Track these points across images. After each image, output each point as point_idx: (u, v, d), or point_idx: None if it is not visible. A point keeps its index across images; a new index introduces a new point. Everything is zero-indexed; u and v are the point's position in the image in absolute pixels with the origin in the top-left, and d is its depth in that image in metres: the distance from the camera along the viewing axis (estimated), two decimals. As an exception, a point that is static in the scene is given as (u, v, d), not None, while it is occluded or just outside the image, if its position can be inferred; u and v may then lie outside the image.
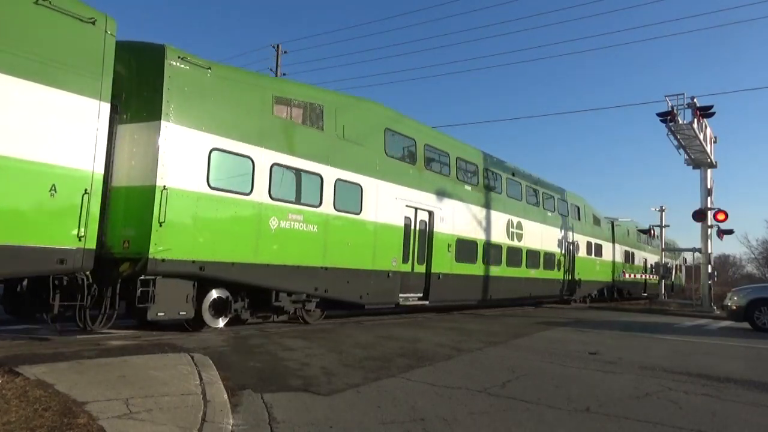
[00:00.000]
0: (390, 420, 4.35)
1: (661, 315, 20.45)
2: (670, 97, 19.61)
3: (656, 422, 4.58)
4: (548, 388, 5.73)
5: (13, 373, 4.79)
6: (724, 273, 58.98)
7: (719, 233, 22.20)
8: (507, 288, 17.25)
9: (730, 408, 5.27)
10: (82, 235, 6.69)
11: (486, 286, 16.05)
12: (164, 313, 7.91)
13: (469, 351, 8.07)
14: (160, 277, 7.71)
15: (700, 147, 21.07)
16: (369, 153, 11.70)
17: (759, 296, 14.05)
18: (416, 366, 6.60)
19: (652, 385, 6.11)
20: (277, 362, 6.41)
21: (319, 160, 10.33)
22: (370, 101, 12.44)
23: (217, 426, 3.90)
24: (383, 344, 8.28)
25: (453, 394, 5.28)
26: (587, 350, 8.71)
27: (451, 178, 14.71)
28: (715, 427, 4.59)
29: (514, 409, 4.85)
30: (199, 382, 4.96)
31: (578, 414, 4.79)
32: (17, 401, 3.95)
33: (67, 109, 6.64)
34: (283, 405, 4.59)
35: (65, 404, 3.95)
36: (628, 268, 30.36)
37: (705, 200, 22.06)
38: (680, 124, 19.62)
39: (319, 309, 10.88)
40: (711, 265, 22.55)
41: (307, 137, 10.26)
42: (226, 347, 7.25)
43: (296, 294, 9.92)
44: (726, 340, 11.56)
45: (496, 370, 6.69)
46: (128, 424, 3.72)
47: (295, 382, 5.47)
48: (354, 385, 5.44)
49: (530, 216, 18.96)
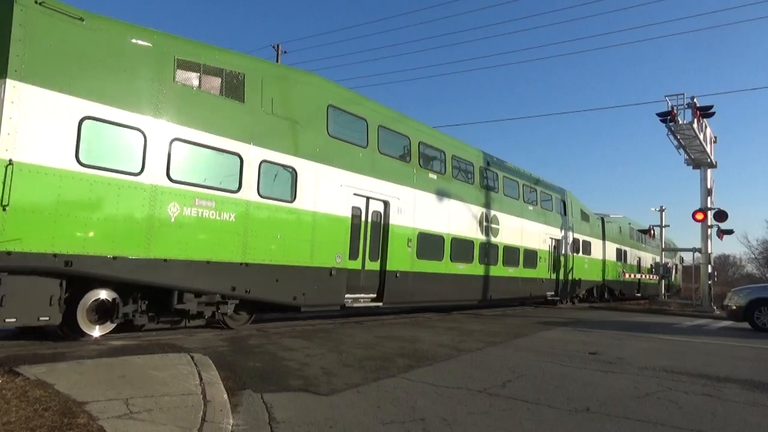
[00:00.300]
0: (390, 420, 4.35)
1: (661, 315, 20.45)
2: (670, 97, 19.64)
3: (656, 422, 4.58)
4: (548, 388, 5.73)
5: (13, 373, 4.79)
6: (724, 273, 59.01)
7: (719, 233, 22.21)
8: (480, 287, 15.69)
9: (730, 408, 5.27)
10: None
11: (455, 285, 14.55)
12: (16, 319, 6.45)
13: (469, 351, 8.07)
14: (6, 274, 6.29)
15: (700, 147, 21.08)
16: (307, 132, 10.12)
17: (759, 296, 14.05)
18: (416, 366, 6.60)
19: (652, 385, 6.11)
20: (277, 362, 6.41)
21: (237, 137, 8.77)
22: (311, 74, 10.93)
23: (217, 426, 3.90)
24: (383, 344, 8.28)
25: (453, 394, 5.27)
26: (587, 350, 8.71)
27: (412, 165, 13.14)
28: (715, 427, 4.59)
29: (514, 409, 4.85)
30: (199, 382, 4.96)
31: (578, 414, 4.79)
32: (17, 401, 3.94)
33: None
34: (283, 405, 4.59)
35: (65, 404, 3.95)
36: (621, 267, 29.06)
37: (705, 200, 22.07)
38: (680, 124, 19.63)
39: (246, 312, 9.61)
40: (711, 265, 22.55)
41: (222, 110, 8.65)
42: (226, 347, 7.25)
43: (207, 294, 8.44)
44: (726, 341, 11.55)
45: (496, 370, 6.69)
46: (128, 424, 3.72)
47: (295, 382, 5.47)
48: (354, 385, 5.44)
49: (508, 209, 17.41)
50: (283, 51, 27.38)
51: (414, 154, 13.27)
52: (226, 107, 8.74)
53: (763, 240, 51.89)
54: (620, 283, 28.85)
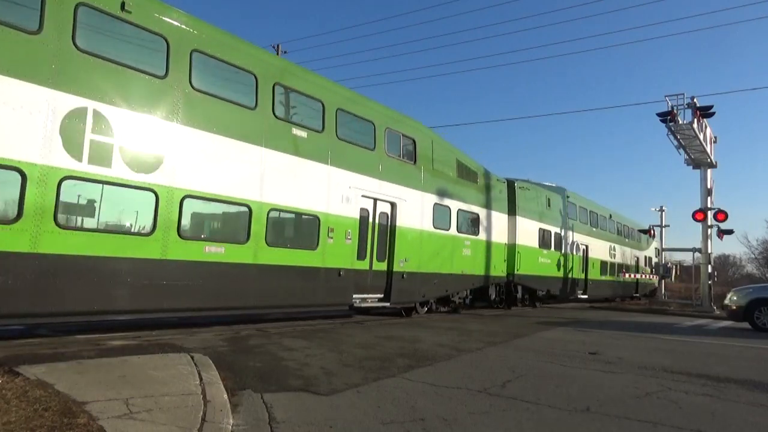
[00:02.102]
0: (390, 420, 4.34)
1: (661, 315, 20.47)
2: (670, 97, 19.70)
3: (656, 422, 4.58)
4: (548, 388, 5.73)
5: (13, 373, 4.78)
6: (724, 273, 58.98)
7: (719, 233, 22.23)
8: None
9: (730, 408, 5.27)
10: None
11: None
12: None
13: (469, 351, 8.07)
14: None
15: (700, 147, 21.11)
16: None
17: (759, 296, 14.07)
18: (416, 366, 6.61)
19: (652, 385, 6.11)
20: (277, 362, 6.41)
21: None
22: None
23: (217, 426, 3.89)
24: (383, 344, 8.29)
25: (453, 394, 5.28)
26: (587, 350, 8.71)
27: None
28: (715, 427, 4.59)
29: (514, 409, 4.84)
30: (199, 382, 4.96)
31: (578, 414, 4.79)
32: (17, 401, 3.94)
33: None
34: (283, 405, 4.59)
35: (65, 404, 3.95)
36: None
37: (705, 200, 22.10)
38: (680, 124, 19.67)
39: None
40: (711, 265, 22.57)
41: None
42: (226, 347, 7.25)
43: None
44: (726, 340, 11.56)
45: (496, 370, 6.69)
46: (128, 424, 3.72)
47: (295, 382, 5.48)
48: (354, 385, 5.44)
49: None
50: (283, 51, 27.37)
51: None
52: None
53: (763, 240, 51.89)
54: (545, 279, 20.21)
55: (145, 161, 7.58)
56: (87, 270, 6.93)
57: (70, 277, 6.78)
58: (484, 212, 16.34)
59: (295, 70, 10.73)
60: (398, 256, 12.49)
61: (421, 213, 13.31)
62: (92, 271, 6.99)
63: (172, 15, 8.09)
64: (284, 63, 11.07)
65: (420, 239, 13.25)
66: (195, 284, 8.20)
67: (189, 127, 8.19)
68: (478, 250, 15.85)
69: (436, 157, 14.06)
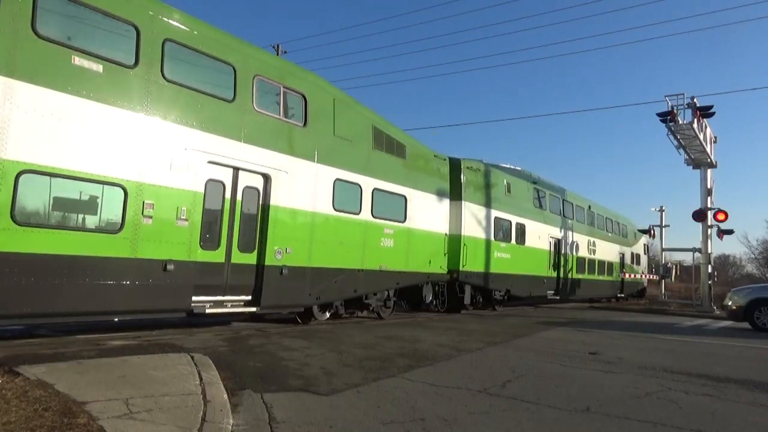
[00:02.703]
0: (390, 420, 4.35)
1: (661, 315, 20.48)
2: (670, 97, 19.69)
3: (656, 422, 4.58)
4: (548, 388, 5.73)
5: (13, 373, 4.79)
6: (724, 273, 58.99)
7: (719, 233, 22.23)
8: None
9: (730, 408, 5.27)
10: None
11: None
12: None
13: (469, 351, 8.07)
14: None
15: (700, 147, 21.11)
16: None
17: (759, 296, 14.07)
18: (416, 366, 6.61)
19: (652, 385, 6.11)
20: (277, 362, 6.41)
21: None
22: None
23: (217, 426, 3.90)
24: (383, 344, 8.29)
25: (453, 394, 5.28)
26: (587, 350, 8.71)
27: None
28: (715, 427, 4.59)
29: (514, 409, 4.85)
30: (199, 382, 4.96)
31: (578, 414, 4.79)
32: (17, 401, 3.94)
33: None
34: (283, 405, 4.59)
35: (65, 404, 3.95)
36: (506, 252, 17.31)
37: (705, 200, 22.10)
38: (680, 124, 19.67)
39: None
40: (711, 265, 22.57)
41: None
42: (226, 347, 7.25)
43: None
44: (726, 340, 11.56)
45: (496, 370, 6.69)
46: (128, 424, 3.72)
47: (295, 382, 5.48)
48: (354, 385, 5.44)
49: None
50: (283, 51, 27.37)
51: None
52: None
53: (763, 240, 51.90)
54: (507, 278, 17.25)
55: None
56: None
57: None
58: (414, 194, 13.00)
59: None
60: (274, 245, 9.30)
61: (313, 190, 10.14)
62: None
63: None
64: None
65: (311, 224, 10.08)
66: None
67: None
68: (404, 241, 12.55)
69: (341, 121, 10.86)
